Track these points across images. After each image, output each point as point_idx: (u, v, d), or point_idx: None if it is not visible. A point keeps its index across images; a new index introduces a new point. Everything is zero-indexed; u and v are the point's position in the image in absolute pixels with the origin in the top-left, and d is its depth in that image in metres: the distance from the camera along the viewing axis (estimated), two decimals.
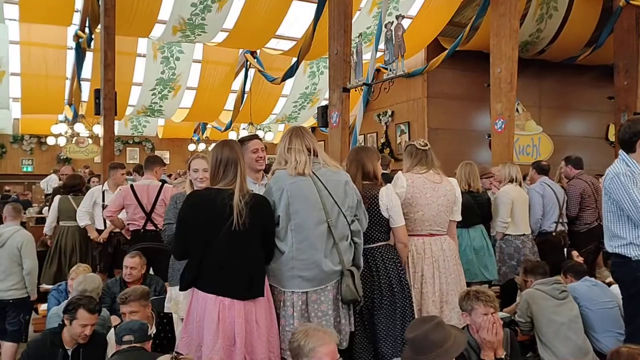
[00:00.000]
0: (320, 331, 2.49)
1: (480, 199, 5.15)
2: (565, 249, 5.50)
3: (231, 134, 14.42)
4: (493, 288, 4.82)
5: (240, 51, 12.29)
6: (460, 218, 3.71)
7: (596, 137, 11.33)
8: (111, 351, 3.25)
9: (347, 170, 3.34)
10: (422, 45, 10.24)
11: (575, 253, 5.23)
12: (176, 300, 3.67)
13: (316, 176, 2.94)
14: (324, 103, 10.59)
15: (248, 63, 12.21)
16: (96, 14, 9.00)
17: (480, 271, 4.93)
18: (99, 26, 8.96)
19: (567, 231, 5.72)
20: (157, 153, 15.80)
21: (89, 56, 10.90)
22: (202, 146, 16.37)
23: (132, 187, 5.22)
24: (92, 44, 10.14)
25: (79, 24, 10.32)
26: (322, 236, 2.88)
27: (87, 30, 9.92)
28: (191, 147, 16.79)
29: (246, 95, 12.71)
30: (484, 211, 5.16)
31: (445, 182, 3.60)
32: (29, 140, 16.07)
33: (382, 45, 6.97)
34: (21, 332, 4.73)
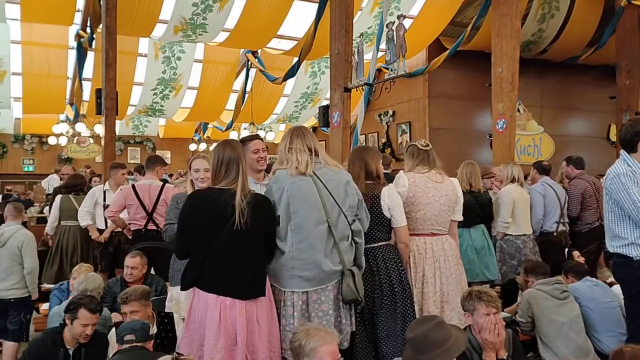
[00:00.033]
0: (322, 331, 2.49)
1: (481, 199, 5.15)
2: (566, 249, 5.49)
3: (232, 133, 14.42)
4: (494, 288, 4.82)
5: (242, 51, 12.29)
6: (461, 218, 3.71)
7: (598, 137, 11.31)
8: (112, 351, 3.26)
9: (349, 170, 3.34)
10: (423, 45, 10.23)
11: (576, 253, 5.22)
12: (177, 300, 3.67)
13: (316, 176, 2.93)
14: (325, 103, 10.60)
15: (249, 63, 12.21)
16: (97, 13, 9.00)
17: (481, 271, 4.92)
18: (100, 26, 8.95)
19: (568, 231, 5.72)
20: (158, 153, 15.80)
21: (90, 56, 10.90)
22: (203, 146, 16.36)
23: (134, 187, 5.23)
24: (93, 43, 10.14)
25: (80, 23, 10.33)
26: (322, 236, 2.88)
27: (88, 29, 9.92)
28: (192, 147, 16.78)
29: (247, 95, 12.71)
30: (485, 211, 5.16)
31: (447, 181, 3.60)
32: (30, 139, 16.08)
33: (383, 45, 6.96)
34: (22, 332, 4.73)
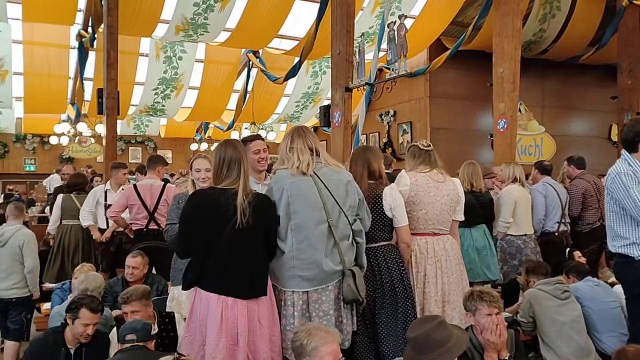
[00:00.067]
0: (323, 330, 2.49)
1: (482, 199, 5.14)
2: (567, 250, 5.49)
3: (233, 133, 14.43)
4: (496, 288, 4.81)
5: (243, 51, 12.29)
6: (462, 218, 3.71)
7: (599, 137, 11.30)
8: (113, 350, 3.26)
9: (351, 169, 3.34)
10: (424, 45, 10.22)
11: (577, 253, 5.20)
12: (178, 300, 3.68)
13: (317, 176, 2.93)
14: (326, 103, 10.60)
15: (250, 63, 12.22)
16: (99, 13, 9.02)
17: (482, 271, 4.91)
18: (101, 26, 8.96)
19: (569, 231, 5.71)
20: (160, 152, 15.84)
21: (91, 55, 10.90)
22: (204, 146, 16.37)
23: (135, 186, 5.24)
24: (94, 43, 10.15)
25: (81, 23, 10.33)
26: (322, 236, 2.87)
27: (90, 29, 9.93)
28: (193, 147, 16.79)
29: (248, 95, 12.71)
30: (486, 211, 5.15)
31: (448, 181, 3.60)
32: (31, 139, 16.10)
33: (384, 45, 6.95)
34: (23, 331, 4.73)
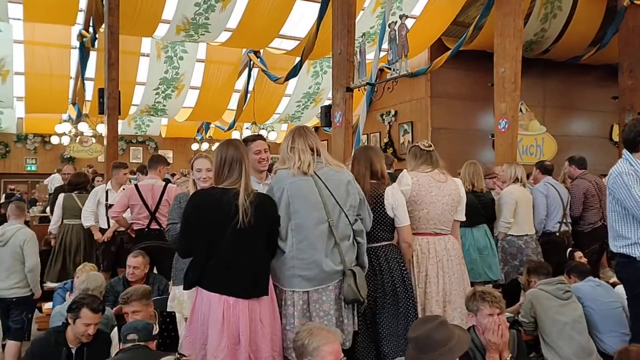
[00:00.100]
0: (324, 330, 2.50)
1: (484, 199, 5.13)
2: (568, 250, 5.47)
3: (234, 133, 14.45)
4: (498, 289, 4.80)
5: (244, 51, 12.30)
6: (464, 218, 3.71)
7: (600, 137, 11.29)
8: (115, 350, 3.26)
9: (354, 169, 3.35)
10: (425, 45, 10.22)
11: (578, 254, 5.19)
12: (180, 300, 3.67)
13: (317, 176, 2.93)
14: (327, 103, 10.59)
15: (251, 62, 12.23)
16: (100, 13, 9.01)
17: (483, 271, 4.91)
18: (103, 25, 8.96)
19: (570, 231, 5.70)
20: (161, 152, 15.83)
21: (92, 55, 10.91)
22: (205, 145, 16.39)
23: (137, 186, 5.24)
24: (96, 43, 10.16)
25: (82, 23, 10.32)
26: (322, 236, 2.88)
27: (91, 29, 9.93)
28: (194, 147, 16.80)
29: (249, 95, 12.73)
30: (487, 211, 5.15)
31: (450, 181, 3.60)
32: (32, 139, 16.12)
33: (385, 45, 6.95)
34: (24, 331, 4.73)
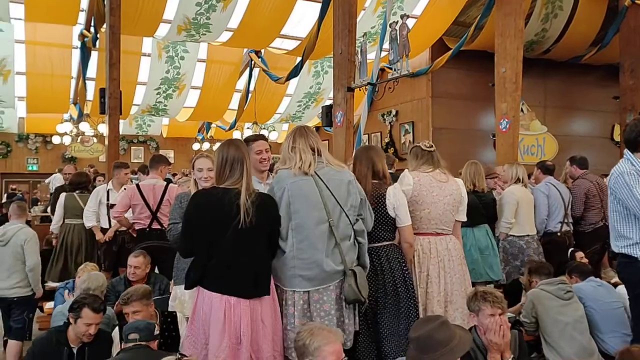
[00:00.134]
0: (325, 330, 2.50)
1: (485, 199, 5.13)
2: (569, 250, 5.47)
3: (235, 133, 14.45)
4: (500, 289, 4.80)
5: (245, 50, 12.30)
6: (465, 218, 3.70)
7: (601, 137, 11.29)
8: (116, 349, 3.26)
9: (356, 169, 3.35)
10: (426, 45, 10.22)
11: (579, 254, 5.19)
12: (181, 299, 3.67)
13: (318, 176, 2.93)
14: (328, 102, 10.59)
15: (252, 62, 12.23)
16: (101, 13, 9.02)
17: (485, 271, 4.91)
18: (104, 25, 8.97)
19: (572, 231, 5.69)
20: (162, 152, 15.83)
21: (94, 55, 10.92)
22: (206, 145, 16.38)
23: (138, 186, 5.24)
24: (97, 43, 10.17)
25: (84, 23, 10.32)
26: (322, 236, 2.88)
27: (92, 29, 9.94)
28: (195, 147, 16.80)
29: (250, 95, 12.73)
30: (489, 211, 5.14)
31: (451, 181, 3.60)
32: (34, 139, 16.12)
33: (386, 45, 6.95)
34: (25, 330, 4.73)
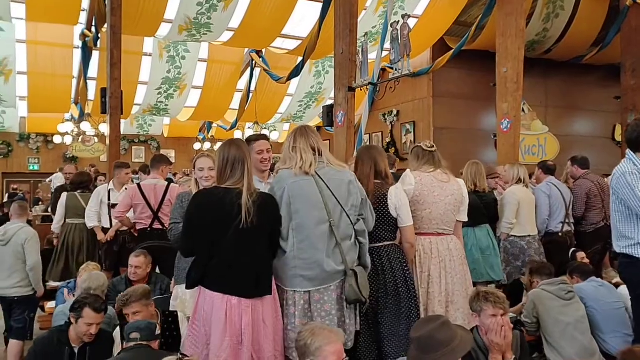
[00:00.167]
0: (327, 330, 2.50)
1: (486, 199, 5.12)
2: (571, 250, 5.46)
3: (236, 133, 14.46)
4: (501, 289, 4.79)
5: (246, 50, 12.31)
6: (466, 219, 3.70)
7: (603, 137, 11.29)
8: (117, 349, 3.26)
9: (358, 168, 3.35)
10: (427, 45, 10.22)
11: (581, 254, 5.18)
12: (182, 299, 3.67)
13: (318, 176, 2.93)
14: (330, 102, 10.59)
15: (254, 62, 12.24)
16: (103, 13, 9.03)
17: (486, 271, 4.90)
18: (105, 25, 8.99)
19: (573, 231, 5.69)
20: (163, 152, 15.85)
21: (95, 55, 10.93)
22: (207, 145, 16.39)
23: (140, 186, 5.23)
24: (98, 43, 10.18)
25: (85, 23, 10.35)
26: (323, 236, 2.87)
27: (93, 29, 9.96)
28: (197, 146, 16.80)
29: (252, 95, 12.74)
30: (490, 211, 5.13)
31: (452, 181, 3.59)
32: (35, 138, 16.13)
33: (387, 45, 6.95)
34: (26, 330, 4.73)
